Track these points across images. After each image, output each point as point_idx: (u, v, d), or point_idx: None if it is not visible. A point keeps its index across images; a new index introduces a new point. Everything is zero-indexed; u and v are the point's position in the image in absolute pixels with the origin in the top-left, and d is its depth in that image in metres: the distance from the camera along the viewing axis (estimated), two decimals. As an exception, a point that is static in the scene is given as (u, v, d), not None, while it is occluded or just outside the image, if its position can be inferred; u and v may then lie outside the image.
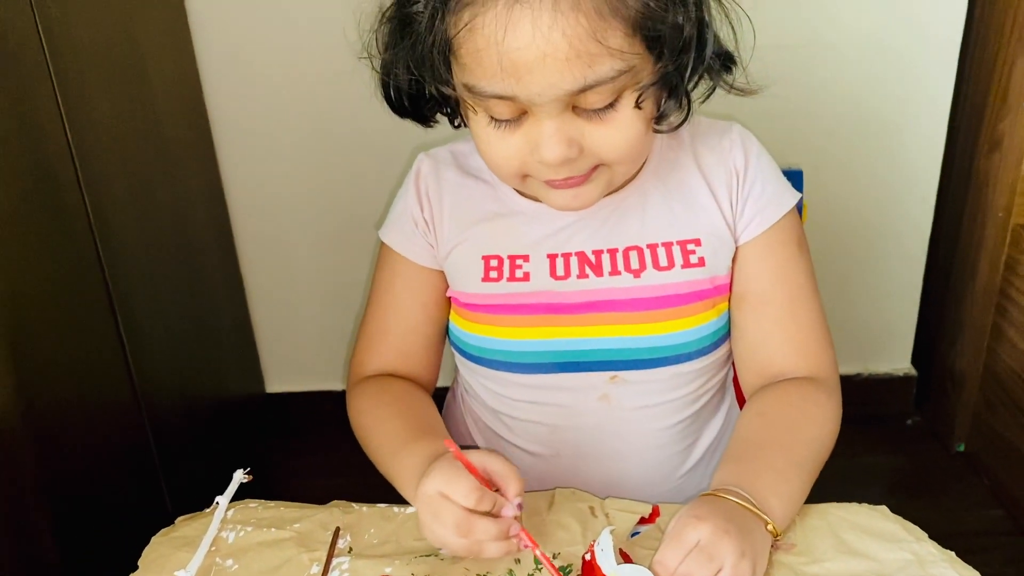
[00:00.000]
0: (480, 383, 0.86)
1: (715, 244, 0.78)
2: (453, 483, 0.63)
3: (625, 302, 0.77)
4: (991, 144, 1.45)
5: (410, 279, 0.84)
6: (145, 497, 1.23)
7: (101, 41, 1.15)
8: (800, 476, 0.69)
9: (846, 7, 1.43)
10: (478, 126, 0.70)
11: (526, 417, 0.84)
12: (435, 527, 0.64)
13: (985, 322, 1.53)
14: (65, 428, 1.04)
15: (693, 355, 0.79)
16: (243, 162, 1.57)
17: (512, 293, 0.79)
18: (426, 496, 0.64)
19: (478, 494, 0.62)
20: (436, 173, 0.83)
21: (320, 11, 1.43)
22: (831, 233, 1.59)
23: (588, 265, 0.78)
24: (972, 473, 1.61)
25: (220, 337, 1.58)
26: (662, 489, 0.85)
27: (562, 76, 0.62)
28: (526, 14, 0.60)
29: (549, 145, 0.66)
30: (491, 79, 0.63)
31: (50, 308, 1.02)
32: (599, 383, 0.80)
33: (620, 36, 0.62)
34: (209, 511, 0.73)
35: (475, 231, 0.81)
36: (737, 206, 0.79)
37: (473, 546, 0.63)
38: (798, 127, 1.51)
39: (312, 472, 1.65)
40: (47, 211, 1.02)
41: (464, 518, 0.62)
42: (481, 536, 0.62)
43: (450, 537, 0.63)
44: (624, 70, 0.63)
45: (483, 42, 0.62)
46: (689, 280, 0.77)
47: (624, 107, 0.66)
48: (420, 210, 0.83)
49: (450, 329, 0.85)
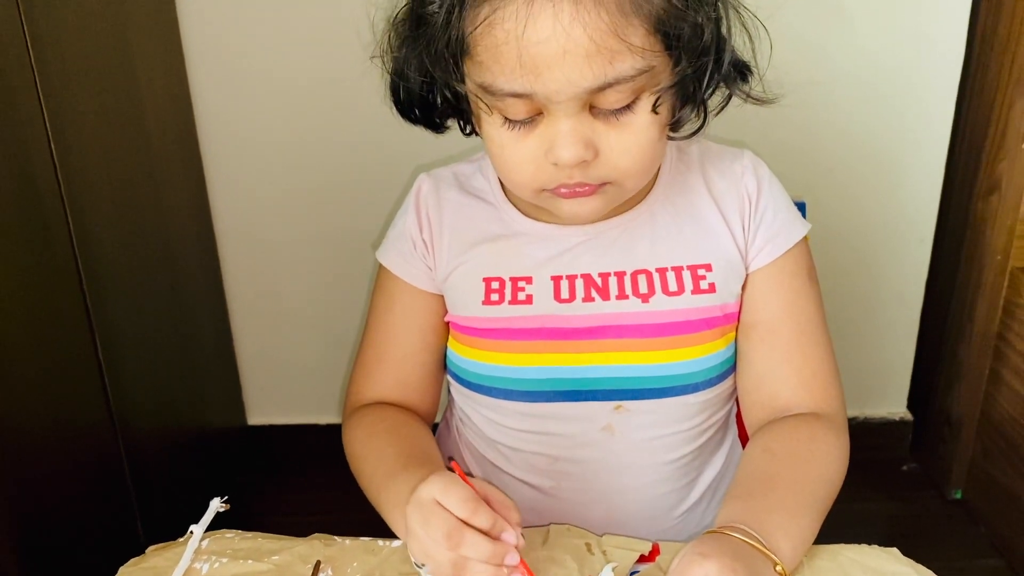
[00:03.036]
0: (478, 412, 0.83)
1: (726, 270, 0.76)
2: (449, 489, 0.60)
3: (633, 327, 0.75)
4: (989, 186, 1.45)
5: (408, 304, 0.82)
6: (116, 526, 1.18)
7: (90, 50, 1.12)
8: (809, 515, 0.66)
9: (846, 47, 1.43)
10: (492, 128, 0.68)
11: (525, 447, 0.81)
12: (422, 536, 0.60)
13: (983, 367, 1.51)
14: (35, 449, 1.00)
15: (701, 386, 0.77)
16: (231, 187, 1.55)
17: (514, 317, 0.76)
18: (419, 501, 0.61)
19: (474, 504, 0.59)
20: (437, 193, 0.81)
21: (313, 22, 1.42)
22: (827, 273, 1.56)
23: (594, 288, 0.76)
24: (969, 521, 1.57)
25: (202, 365, 1.54)
26: (661, 527, 0.82)
27: (582, 72, 0.61)
28: (547, 8, 0.59)
29: (565, 145, 0.64)
30: (509, 76, 0.62)
31: (26, 327, 0.98)
32: (603, 413, 0.77)
33: (641, 33, 0.61)
34: (182, 540, 0.70)
35: (476, 252, 0.78)
36: (749, 232, 0.77)
37: (459, 562, 0.59)
38: (795, 163, 1.50)
39: (293, 507, 1.61)
40: (26, 226, 0.99)
41: (456, 528, 0.58)
42: (470, 552, 0.58)
43: (437, 548, 0.59)
44: (644, 69, 0.62)
45: (502, 36, 0.61)
46: (699, 307, 0.75)
47: (641, 110, 0.65)
48: (419, 231, 0.80)
49: (449, 356, 0.82)
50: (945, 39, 1.44)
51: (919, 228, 1.58)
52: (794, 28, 1.41)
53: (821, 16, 1.41)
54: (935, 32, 1.43)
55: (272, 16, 1.42)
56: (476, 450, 0.86)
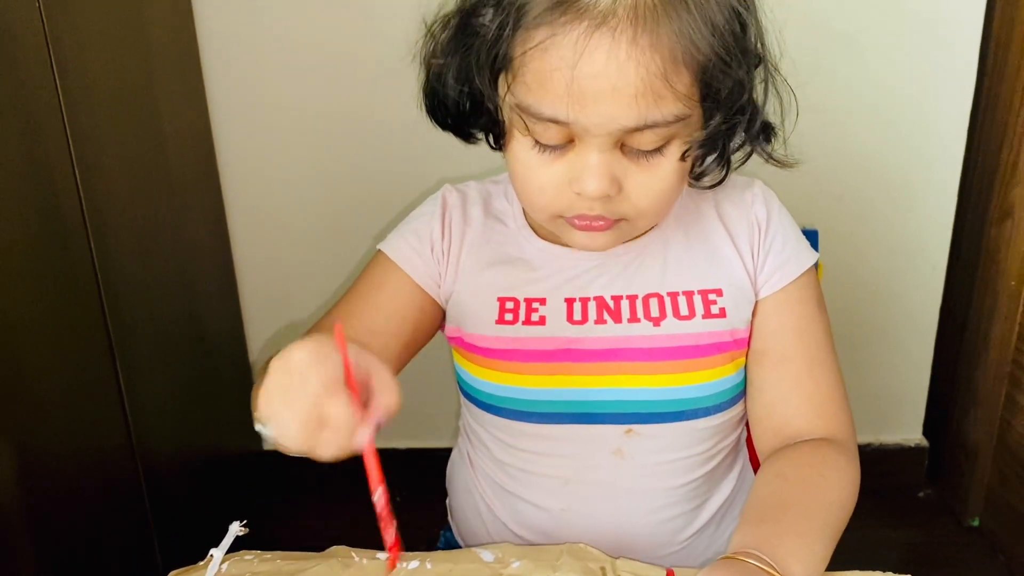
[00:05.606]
0: (489, 433, 0.84)
1: (736, 296, 0.77)
2: (319, 362, 0.52)
3: (644, 351, 0.76)
4: (1002, 213, 1.45)
5: (398, 289, 0.79)
6: (135, 549, 1.19)
7: (113, 74, 1.15)
8: (822, 541, 0.66)
9: (857, 73, 1.44)
10: (521, 149, 0.68)
11: (537, 469, 0.81)
12: (279, 400, 0.53)
13: (999, 393, 1.50)
14: (55, 472, 1.01)
15: (711, 410, 0.77)
16: (250, 213, 1.57)
17: (527, 337, 0.77)
18: (287, 358, 0.53)
19: (334, 387, 0.52)
20: (463, 208, 0.82)
21: (331, 49, 1.44)
22: (840, 300, 1.57)
23: (607, 311, 0.77)
24: (987, 549, 1.56)
25: (220, 388, 1.55)
26: (667, 550, 0.82)
27: (626, 111, 0.62)
28: (605, 42, 0.59)
29: (592, 178, 0.65)
30: (552, 102, 0.62)
31: (47, 350, 1.00)
32: (614, 436, 0.78)
33: (687, 82, 0.62)
34: (203, 564, 0.70)
35: (492, 273, 0.80)
36: (759, 258, 0.78)
37: (312, 420, 0.51)
38: (808, 190, 1.50)
39: (311, 529, 1.59)
40: (51, 253, 1.01)
41: (315, 413, 0.51)
42: (332, 410, 0.51)
43: (294, 397, 0.52)
44: (682, 116, 0.63)
45: (555, 63, 0.61)
46: (710, 331, 0.76)
47: (670, 155, 0.66)
48: (441, 238, 0.81)
49: (461, 375, 0.83)
50: (956, 65, 1.44)
51: (932, 254, 1.58)
52: (804, 54, 1.42)
53: (831, 42, 1.42)
54: (946, 58, 1.44)
55: (291, 48, 1.45)
56: (489, 476, 0.86)
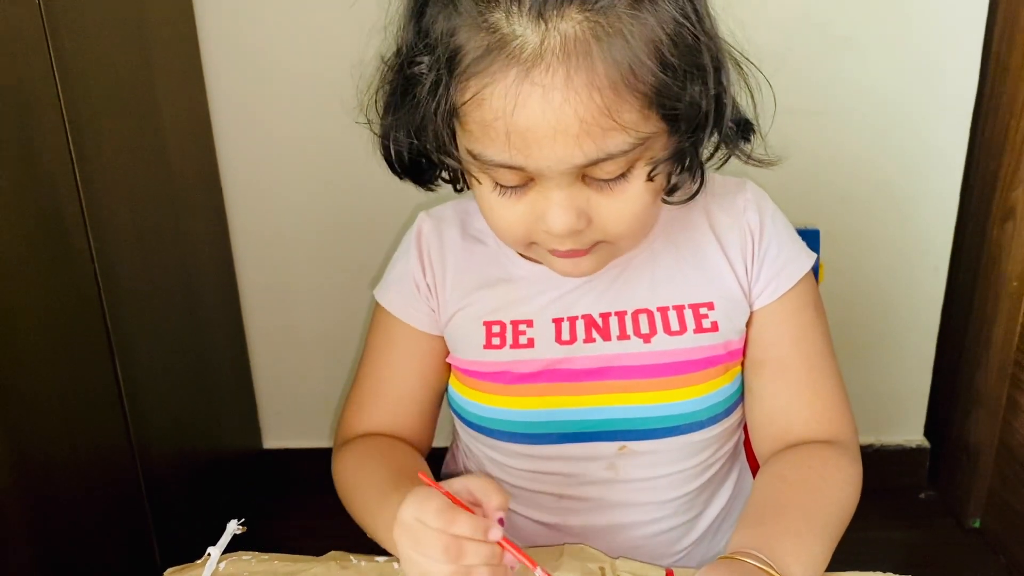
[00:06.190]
0: (481, 451, 0.83)
1: (728, 308, 0.75)
2: (424, 505, 0.58)
3: (634, 368, 0.74)
4: (1004, 213, 1.45)
5: (409, 345, 0.80)
6: (134, 548, 1.19)
7: (113, 81, 1.15)
8: (822, 541, 0.66)
9: (859, 75, 1.44)
10: (482, 192, 0.66)
11: (529, 486, 0.80)
12: (418, 558, 0.58)
13: (1000, 394, 1.50)
14: (55, 472, 1.01)
15: (705, 423, 0.76)
16: (251, 217, 1.57)
17: (516, 360, 0.75)
18: (403, 525, 0.59)
19: (450, 514, 0.57)
20: (439, 233, 0.80)
21: (332, 46, 1.42)
22: (842, 301, 1.57)
23: (595, 329, 0.75)
24: (988, 551, 1.55)
25: (219, 389, 1.55)
26: (663, 563, 0.80)
27: (572, 152, 0.59)
28: (536, 90, 0.57)
29: (557, 215, 0.63)
30: (499, 150, 0.60)
31: (48, 353, 1.00)
32: (607, 454, 0.77)
33: (636, 112, 0.59)
34: (200, 563, 0.70)
35: (477, 296, 0.77)
36: (752, 269, 0.76)
37: (460, 571, 0.57)
38: (809, 191, 1.50)
39: (309, 530, 1.60)
40: (51, 255, 1.01)
41: (453, 541, 0.57)
42: (472, 560, 0.57)
43: (435, 566, 0.57)
44: (637, 143, 0.60)
45: (491, 115, 0.59)
46: (702, 346, 0.74)
47: (635, 179, 0.63)
48: (422, 274, 0.79)
49: (450, 395, 0.81)
50: (958, 67, 1.44)
51: (934, 255, 1.57)
52: (806, 57, 1.42)
53: (834, 45, 1.42)
54: (948, 60, 1.43)
55: (291, 46, 1.45)
56: None
